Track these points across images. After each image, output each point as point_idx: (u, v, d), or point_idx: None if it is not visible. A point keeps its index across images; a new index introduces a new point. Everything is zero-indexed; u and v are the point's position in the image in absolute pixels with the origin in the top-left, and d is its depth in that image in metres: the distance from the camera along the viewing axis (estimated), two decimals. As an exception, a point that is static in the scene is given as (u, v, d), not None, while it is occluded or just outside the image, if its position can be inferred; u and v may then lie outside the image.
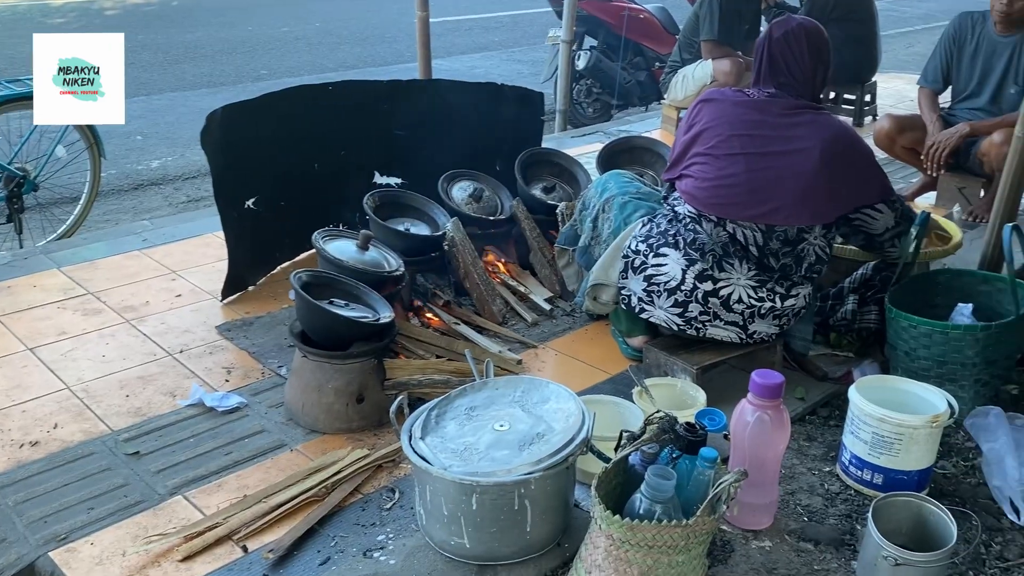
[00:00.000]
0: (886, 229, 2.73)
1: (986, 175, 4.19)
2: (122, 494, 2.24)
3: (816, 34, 2.66)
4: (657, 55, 6.87)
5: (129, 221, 4.84)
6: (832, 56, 2.72)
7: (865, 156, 2.68)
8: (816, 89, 2.71)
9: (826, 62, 2.69)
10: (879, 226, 2.72)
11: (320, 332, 2.53)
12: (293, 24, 10.57)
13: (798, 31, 2.64)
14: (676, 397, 2.53)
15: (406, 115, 3.68)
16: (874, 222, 2.71)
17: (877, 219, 2.70)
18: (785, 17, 2.74)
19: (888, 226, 2.73)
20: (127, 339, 3.01)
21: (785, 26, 2.66)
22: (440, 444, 2.00)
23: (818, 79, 2.69)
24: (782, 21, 2.69)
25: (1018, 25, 4.00)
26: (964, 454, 2.51)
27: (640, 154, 4.05)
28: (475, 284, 3.22)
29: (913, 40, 11.31)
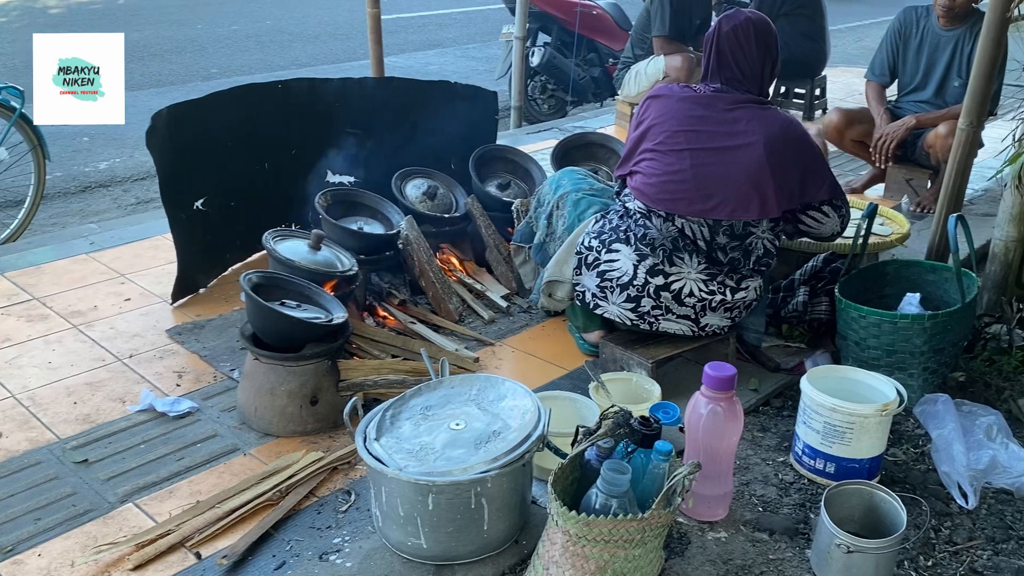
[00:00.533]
0: (833, 234, 2.75)
1: (933, 166, 4.27)
2: (70, 503, 2.19)
3: (764, 28, 2.66)
4: (611, 51, 6.89)
5: (76, 224, 4.73)
6: (780, 51, 2.72)
7: (812, 153, 2.67)
8: (764, 83, 2.71)
9: (774, 57, 2.69)
10: (824, 230, 2.73)
11: (272, 334, 2.50)
12: (243, 22, 10.43)
13: (746, 25, 2.64)
14: (632, 391, 2.54)
15: (358, 113, 3.65)
16: (821, 226, 2.72)
17: (824, 223, 2.71)
18: (734, 11, 2.74)
19: (835, 230, 2.74)
20: (74, 345, 2.94)
21: (733, 20, 2.66)
22: (395, 445, 1.99)
23: (766, 73, 2.69)
24: (731, 15, 2.69)
25: (961, 19, 4.09)
26: (914, 441, 2.56)
27: (595, 150, 4.07)
28: (431, 282, 3.20)
29: (862, 34, 11.49)
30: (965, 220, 2.74)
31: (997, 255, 3.13)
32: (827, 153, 4.23)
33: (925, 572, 2.05)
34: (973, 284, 2.73)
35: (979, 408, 2.55)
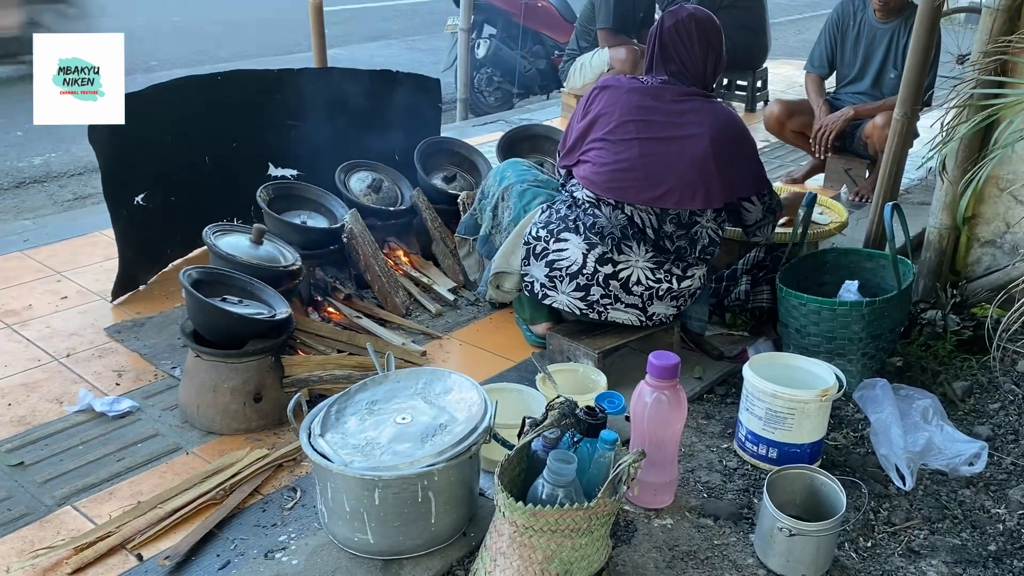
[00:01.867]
0: (755, 222, 2.86)
1: (870, 156, 4.36)
2: (5, 508, 2.13)
3: (707, 23, 2.70)
4: (556, 43, 6.90)
5: (10, 221, 4.59)
6: (724, 45, 2.77)
7: (751, 147, 2.78)
8: (708, 77, 2.75)
9: (717, 51, 2.74)
10: (750, 218, 2.84)
11: (213, 331, 2.45)
12: (184, 13, 10.22)
13: (688, 20, 2.68)
14: (578, 382, 2.55)
15: (300, 105, 3.60)
16: (747, 215, 2.83)
17: (750, 211, 2.82)
18: (677, 7, 2.79)
19: (757, 219, 2.85)
20: (8, 345, 2.86)
21: (676, 15, 2.70)
22: (340, 440, 1.97)
23: (709, 67, 2.73)
24: (674, 11, 2.73)
25: (896, 12, 4.17)
26: (854, 425, 2.62)
27: (540, 142, 4.08)
28: (376, 276, 3.18)
29: (802, 27, 11.68)
30: (901, 209, 2.80)
31: (932, 242, 3.22)
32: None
33: (865, 553, 2.10)
34: (909, 271, 2.79)
35: (916, 392, 2.61)
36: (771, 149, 5.30)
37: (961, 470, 2.37)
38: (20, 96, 6.77)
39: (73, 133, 5.90)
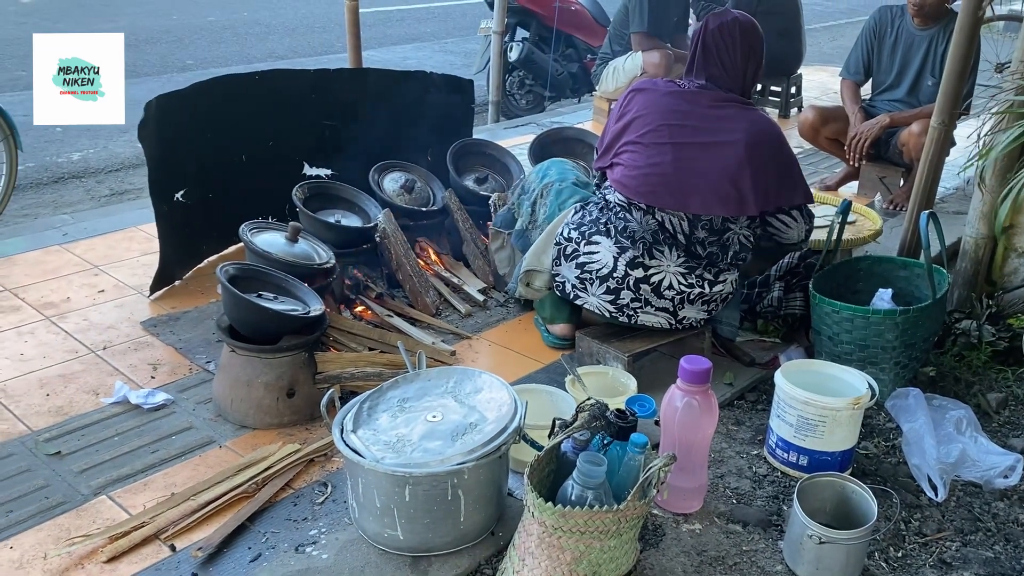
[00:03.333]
0: (799, 240, 2.80)
1: (906, 164, 4.32)
2: (43, 495, 2.17)
3: (750, 30, 2.69)
4: (589, 47, 6.90)
5: (49, 215, 4.67)
6: (764, 52, 2.75)
7: (789, 157, 2.72)
8: (747, 84, 2.74)
9: (758, 59, 2.73)
10: (790, 235, 2.77)
11: (248, 326, 2.49)
12: (220, 13, 10.34)
13: (733, 25, 2.67)
14: (608, 385, 2.56)
15: (335, 105, 3.63)
16: (788, 231, 2.76)
17: (792, 227, 2.75)
18: (723, 10, 2.77)
19: (801, 237, 2.79)
20: (47, 336, 2.91)
21: (721, 18, 2.69)
22: (372, 437, 1.99)
23: (749, 74, 2.72)
24: (719, 13, 2.72)
25: (934, 19, 4.13)
26: (885, 434, 2.59)
27: (572, 145, 4.09)
28: (408, 276, 3.20)
29: (837, 33, 11.59)
30: (937, 217, 2.78)
31: (968, 252, 3.18)
32: None
33: (895, 563, 2.08)
34: (944, 280, 2.77)
35: (949, 402, 2.59)
36: (805, 156, 5.26)
37: (995, 482, 2.35)
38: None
39: (110, 130, 6.00)
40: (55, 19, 9.28)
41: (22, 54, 7.50)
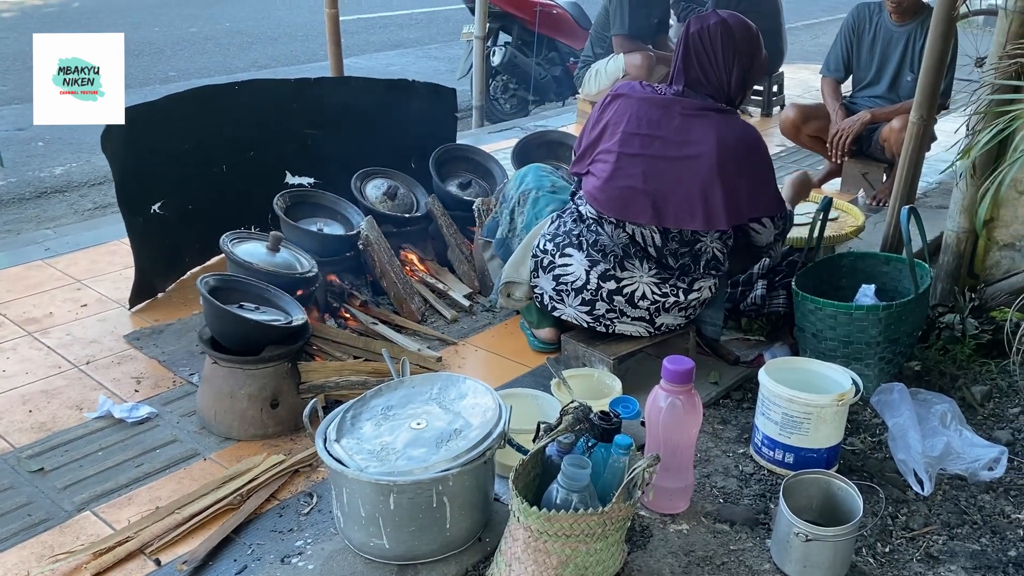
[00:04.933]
0: (767, 244, 2.76)
1: (888, 160, 4.34)
2: (26, 513, 2.15)
3: (738, 31, 2.54)
4: (571, 50, 6.92)
5: (32, 230, 4.64)
6: (757, 56, 2.61)
7: (761, 166, 2.64)
8: (731, 90, 2.60)
9: (746, 62, 2.57)
10: (761, 240, 2.74)
11: (230, 337, 2.47)
12: (201, 24, 10.31)
13: (715, 27, 2.53)
14: (593, 387, 2.56)
15: (316, 114, 3.62)
16: (758, 236, 2.73)
17: (761, 233, 2.72)
18: (707, 12, 2.65)
19: (768, 241, 2.75)
20: (29, 352, 2.89)
21: (703, 21, 2.56)
22: (356, 446, 1.98)
23: (733, 80, 2.57)
24: (703, 16, 2.60)
25: (912, 14, 4.15)
26: (871, 430, 2.60)
27: (555, 148, 4.09)
28: (392, 282, 3.19)
29: (818, 31, 11.64)
30: (917, 212, 2.79)
31: (950, 246, 3.20)
32: None
33: (883, 558, 2.08)
34: (926, 275, 2.78)
35: (934, 396, 2.59)
36: (787, 153, 5.28)
37: (980, 475, 2.35)
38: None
39: (92, 144, 5.94)
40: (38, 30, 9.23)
41: (3, 69, 7.48)
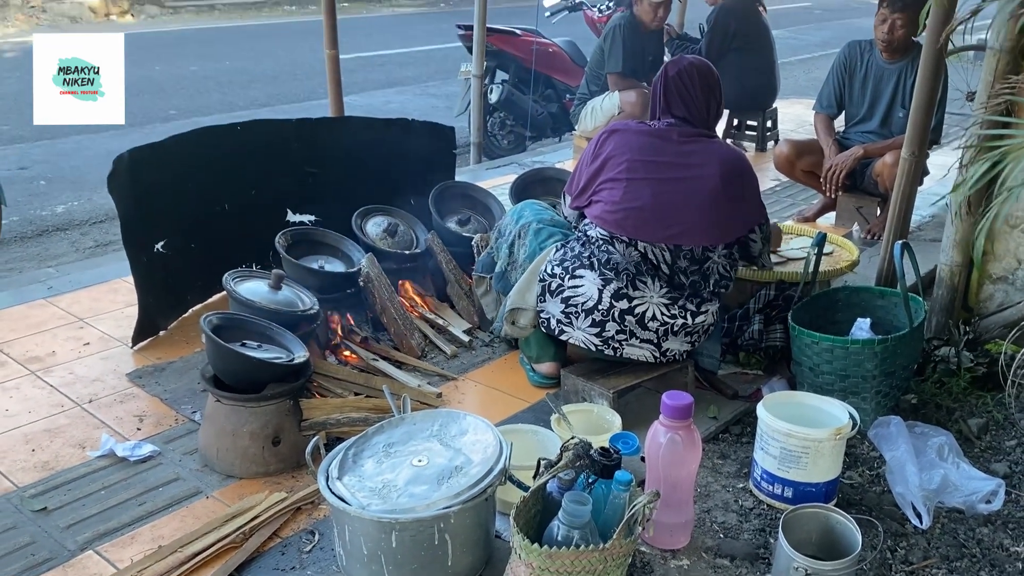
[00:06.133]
0: (759, 252, 2.95)
1: (881, 194, 4.39)
2: (29, 552, 2.16)
3: (707, 72, 2.88)
4: (567, 87, 7.00)
5: (33, 269, 4.68)
6: (730, 86, 2.93)
7: (755, 181, 2.91)
8: (711, 120, 2.92)
9: (718, 97, 2.91)
10: (756, 248, 2.93)
11: (232, 375, 2.50)
12: (202, 63, 10.43)
13: (691, 70, 2.85)
14: (593, 422, 2.57)
15: (317, 153, 3.68)
16: (754, 245, 2.92)
17: (756, 242, 2.91)
18: (678, 57, 2.96)
19: (759, 250, 2.94)
20: (32, 391, 2.91)
21: (678, 65, 2.88)
22: (358, 483, 1.99)
23: (712, 112, 2.90)
24: (675, 61, 2.91)
25: (902, 52, 4.22)
26: (869, 463, 2.62)
27: (552, 184, 4.13)
28: (392, 319, 3.22)
29: (812, 66, 11.78)
30: (910, 247, 2.83)
31: (944, 280, 3.23)
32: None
33: (882, 592, 2.09)
34: (920, 308, 2.81)
35: (931, 429, 2.61)
36: (782, 188, 5.34)
37: (978, 508, 2.37)
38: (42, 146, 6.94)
39: (94, 182, 6.03)
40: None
41: (5, 108, 7.56)
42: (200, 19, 14.06)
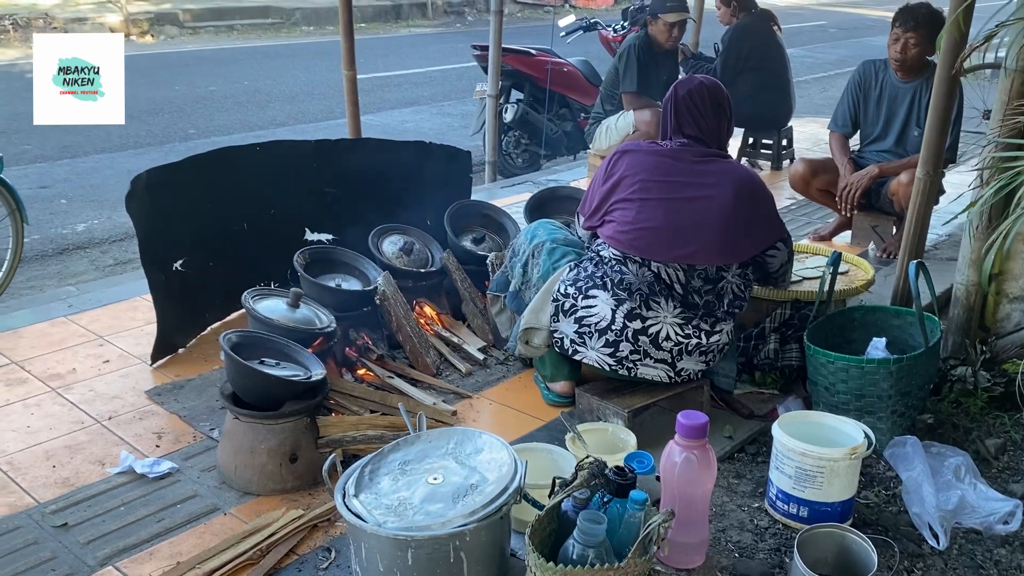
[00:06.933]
0: (781, 265, 2.94)
1: (897, 213, 4.38)
2: (50, 568, 2.18)
3: (717, 91, 2.88)
4: (582, 106, 7.04)
5: (54, 287, 4.74)
6: (743, 105, 2.93)
7: (770, 198, 2.91)
8: (722, 139, 2.92)
9: (728, 115, 2.91)
10: (775, 263, 2.92)
11: (251, 392, 2.52)
12: (221, 83, 10.55)
13: (701, 89, 2.85)
14: (608, 441, 2.58)
15: (335, 173, 3.72)
16: (773, 260, 2.91)
17: (776, 257, 2.91)
18: (687, 77, 2.97)
19: (782, 262, 2.94)
20: (53, 408, 2.95)
21: (688, 85, 2.87)
22: (374, 501, 2.01)
23: (723, 130, 2.91)
24: (684, 81, 2.91)
25: (916, 71, 4.23)
26: (885, 483, 2.61)
27: (567, 203, 4.15)
28: (408, 336, 3.24)
29: (827, 84, 11.78)
30: (925, 266, 2.82)
31: (960, 299, 3.22)
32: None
33: (899, 613, 2.08)
34: (936, 328, 2.80)
35: (947, 449, 2.60)
36: (797, 207, 5.34)
37: (996, 529, 2.35)
38: (64, 165, 7.03)
39: (114, 201, 6.09)
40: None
41: (27, 128, 7.66)
42: (219, 39, 14.22)
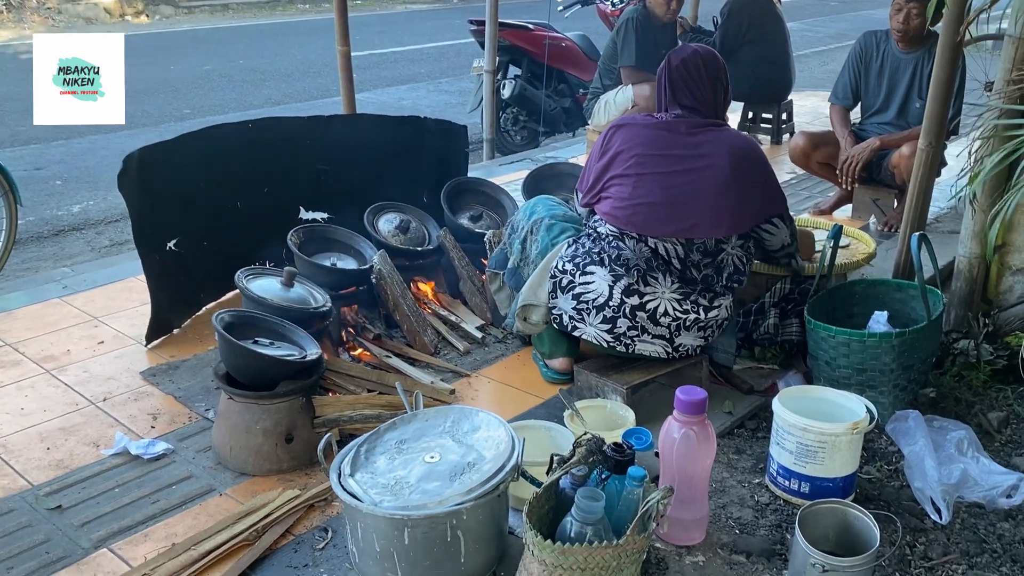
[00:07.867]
0: (782, 246, 2.87)
1: (898, 186, 4.34)
2: (43, 550, 2.17)
3: (712, 59, 2.81)
4: (581, 81, 6.97)
5: (49, 268, 4.70)
6: (729, 78, 2.86)
7: (768, 169, 2.83)
8: (719, 108, 2.84)
9: (724, 83, 2.83)
10: (775, 242, 2.85)
11: (245, 373, 2.49)
12: (216, 62, 10.47)
13: (695, 57, 2.78)
14: (606, 418, 2.56)
15: (329, 150, 3.67)
16: (772, 238, 2.84)
17: (775, 234, 2.83)
18: (680, 47, 2.90)
19: (784, 243, 2.86)
20: (47, 390, 2.92)
21: (682, 54, 2.80)
22: (370, 480, 1.98)
23: (719, 99, 2.83)
24: (678, 50, 2.84)
25: (918, 42, 4.17)
26: (887, 458, 2.58)
27: (565, 179, 4.12)
28: (405, 316, 3.21)
29: (828, 58, 11.69)
30: (928, 239, 2.79)
31: (962, 271, 3.19)
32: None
33: (901, 588, 2.07)
34: (939, 301, 2.77)
35: (950, 423, 2.58)
36: (798, 181, 5.30)
37: (999, 502, 2.33)
38: (58, 146, 6.98)
39: (109, 182, 6.02)
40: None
41: (21, 109, 7.59)
42: (214, 18, 14.12)
